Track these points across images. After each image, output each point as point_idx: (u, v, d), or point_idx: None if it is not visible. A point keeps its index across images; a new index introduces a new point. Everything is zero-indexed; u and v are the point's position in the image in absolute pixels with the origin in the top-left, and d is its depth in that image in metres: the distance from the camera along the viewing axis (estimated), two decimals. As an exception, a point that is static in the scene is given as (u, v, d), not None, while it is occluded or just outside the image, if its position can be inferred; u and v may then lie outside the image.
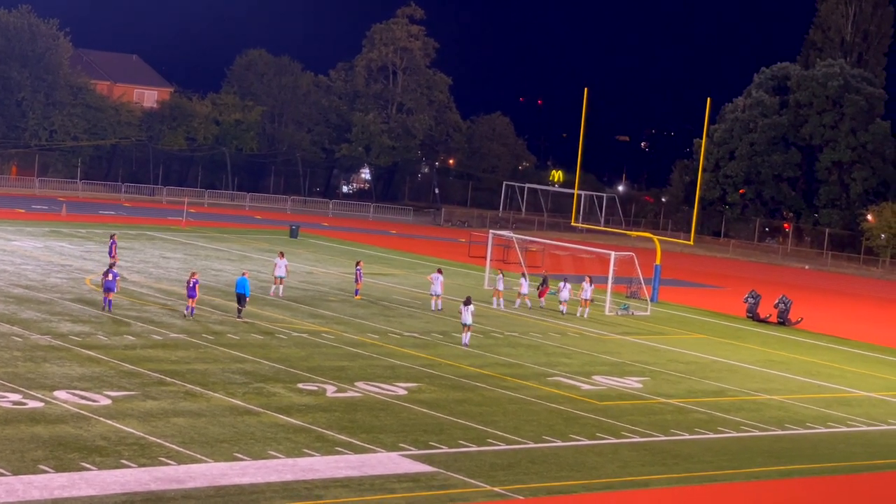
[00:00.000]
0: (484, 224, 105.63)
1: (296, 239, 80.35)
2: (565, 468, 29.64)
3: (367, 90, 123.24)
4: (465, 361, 42.24)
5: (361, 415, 32.85)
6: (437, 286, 53.47)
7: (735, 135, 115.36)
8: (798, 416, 38.70)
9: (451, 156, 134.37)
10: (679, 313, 61.80)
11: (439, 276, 53.91)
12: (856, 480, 31.80)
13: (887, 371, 50.01)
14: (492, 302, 56.67)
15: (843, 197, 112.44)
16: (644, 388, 40.94)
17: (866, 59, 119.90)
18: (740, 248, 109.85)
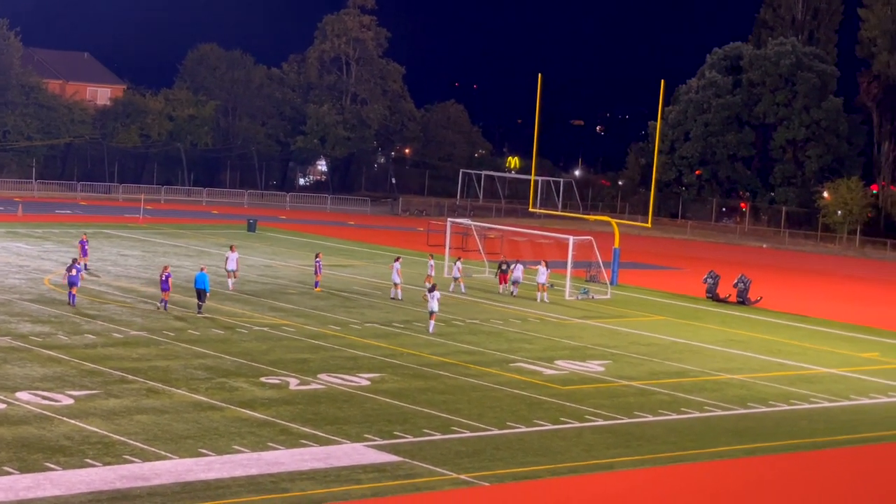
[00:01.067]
0: (442, 212, 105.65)
1: (253, 233, 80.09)
2: (530, 453, 29.70)
3: (321, 82, 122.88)
4: (428, 350, 42.25)
5: (325, 407, 32.80)
6: (395, 275, 53.68)
7: (689, 116, 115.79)
8: (760, 395, 38.93)
9: (406, 145, 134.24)
10: (639, 296, 62.03)
11: (398, 265, 54.10)
12: (819, 457, 32.03)
13: (847, 347, 50.39)
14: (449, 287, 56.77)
15: (799, 175, 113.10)
16: (606, 371, 41.07)
17: (817, 37, 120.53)
18: (698, 229, 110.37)
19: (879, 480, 30.13)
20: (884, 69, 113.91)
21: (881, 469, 31.29)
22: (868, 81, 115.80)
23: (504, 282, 59.18)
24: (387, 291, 54.68)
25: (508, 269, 59.49)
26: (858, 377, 43.51)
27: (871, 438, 34.27)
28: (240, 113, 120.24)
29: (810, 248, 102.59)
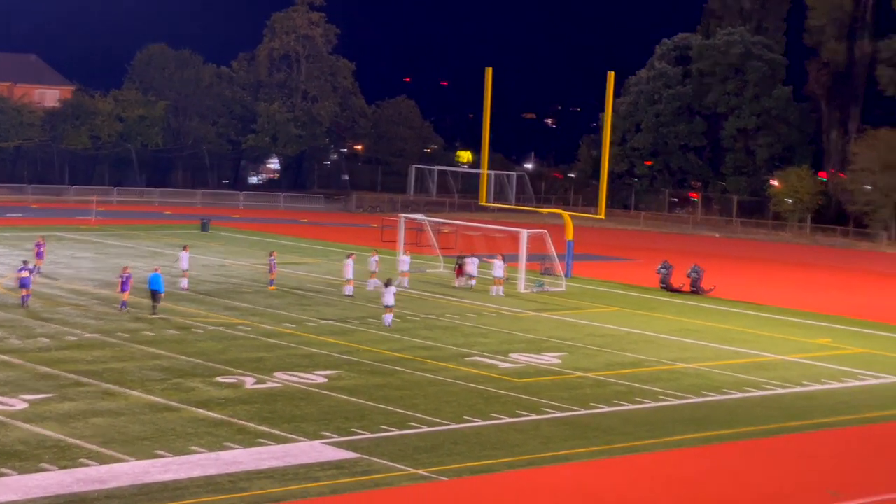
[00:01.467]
0: (395, 208, 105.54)
1: (207, 232, 79.76)
2: (487, 447, 29.76)
3: (271, 79, 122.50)
4: (384, 346, 42.24)
5: (282, 405, 32.74)
6: (349, 271, 53.70)
7: (640, 107, 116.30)
8: (715, 383, 39.18)
9: (358, 141, 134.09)
10: (593, 287, 62.27)
11: (351, 262, 54.11)
12: (773, 443, 32.27)
13: (800, 334, 50.80)
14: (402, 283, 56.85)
15: (749, 163, 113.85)
16: (562, 363, 41.21)
17: (765, 26, 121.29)
18: (650, 220, 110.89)
19: (833, 465, 30.41)
20: (832, 57, 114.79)
21: (835, 453, 31.58)
22: (817, 70, 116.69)
23: (460, 275, 59.35)
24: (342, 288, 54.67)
25: (464, 262, 59.69)
26: (811, 363, 43.88)
27: (824, 424, 34.57)
28: (190, 113, 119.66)
29: (762, 237, 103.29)
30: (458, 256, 61.05)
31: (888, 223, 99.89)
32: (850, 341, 49.37)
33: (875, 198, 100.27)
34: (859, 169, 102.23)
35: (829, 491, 27.75)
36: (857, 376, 41.86)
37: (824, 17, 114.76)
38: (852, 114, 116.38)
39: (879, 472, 29.81)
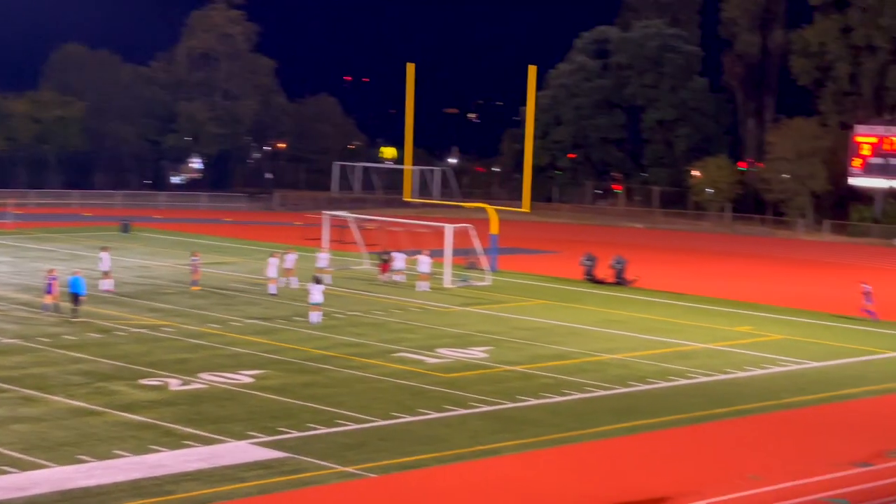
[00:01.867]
0: (318, 206, 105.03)
1: (128, 234, 78.99)
2: (415, 443, 29.78)
3: (190, 78, 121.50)
4: (310, 344, 42.12)
5: (207, 406, 32.52)
6: (272, 270, 53.50)
7: (560, 100, 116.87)
8: (640, 373, 39.49)
9: (280, 140, 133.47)
10: (518, 280, 62.49)
11: (275, 260, 53.92)
12: (698, 430, 32.61)
13: (722, 322, 51.33)
14: None
15: (669, 155, 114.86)
16: (489, 357, 41.31)
17: (681, 19, 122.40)
18: (574, 212, 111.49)
19: (755, 450, 30.77)
20: (746, 48, 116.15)
21: (757, 439, 31.96)
22: (731, 61, 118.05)
23: (385, 271, 59.36)
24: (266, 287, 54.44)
25: (389, 258, 59.73)
26: (733, 351, 44.37)
27: (746, 410, 34.99)
28: (109, 113, 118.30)
29: (683, 227, 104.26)
30: (383, 252, 60.97)
31: (805, 211, 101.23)
32: (771, 328, 50.00)
33: (791, 186, 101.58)
34: (775, 158, 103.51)
35: (750, 475, 28.08)
36: (778, 362, 42.40)
37: (737, 10, 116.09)
38: (767, 103, 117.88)
39: (800, 456, 30.22)
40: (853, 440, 31.91)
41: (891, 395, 38.22)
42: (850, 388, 38.77)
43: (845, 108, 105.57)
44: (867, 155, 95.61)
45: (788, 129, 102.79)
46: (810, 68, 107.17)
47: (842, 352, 45.13)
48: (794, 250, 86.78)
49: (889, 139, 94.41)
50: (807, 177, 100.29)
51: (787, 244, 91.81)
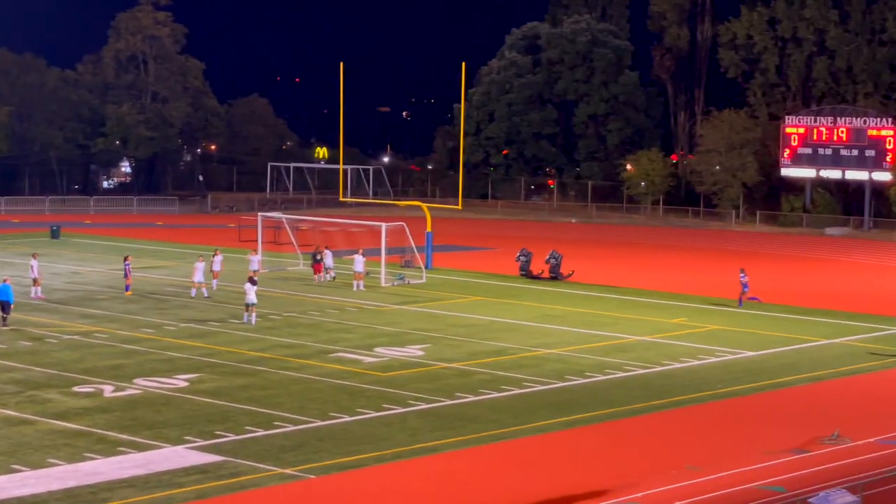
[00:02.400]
0: (252, 207, 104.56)
1: (58, 239, 78.02)
2: (354, 442, 29.68)
3: (118, 82, 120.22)
4: (246, 346, 41.85)
5: (142, 411, 32.22)
6: (199, 273, 53.10)
7: (493, 97, 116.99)
8: (577, 367, 39.62)
9: (212, 142, 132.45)
10: (454, 278, 62.50)
11: (201, 264, 53.50)
12: (636, 422, 32.76)
13: (657, 314, 51.61)
14: None
15: (602, 149, 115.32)
16: (426, 354, 41.27)
17: (610, 14, 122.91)
18: (508, 208, 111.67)
19: (693, 440, 30.97)
20: (674, 42, 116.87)
21: (694, 429, 32.17)
22: (661, 55, 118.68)
23: (319, 272, 59.18)
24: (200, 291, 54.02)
25: (322, 258, 59.56)
26: (669, 343, 44.64)
27: (684, 401, 35.21)
28: (35, 118, 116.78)
29: (617, 220, 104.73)
30: (315, 252, 60.70)
31: (736, 202, 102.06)
32: (706, 319, 50.35)
33: (722, 178, 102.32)
34: (706, 150, 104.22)
35: (688, 466, 28.23)
36: (713, 353, 42.71)
37: (666, 4, 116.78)
38: (697, 96, 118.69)
39: (736, 445, 30.45)
40: (788, 428, 32.20)
41: (824, 382, 38.64)
42: (784, 376, 39.14)
43: (774, 100, 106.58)
44: (796, 145, 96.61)
45: (719, 122, 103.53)
46: (738, 61, 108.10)
47: (775, 341, 45.55)
48: (727, 241, 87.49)
49: (817, 129, 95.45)
50: (738, 168, 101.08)
51: (719, 235, 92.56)
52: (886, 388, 38.12)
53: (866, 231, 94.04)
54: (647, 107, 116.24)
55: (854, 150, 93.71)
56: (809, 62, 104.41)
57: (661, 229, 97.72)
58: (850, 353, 43.57)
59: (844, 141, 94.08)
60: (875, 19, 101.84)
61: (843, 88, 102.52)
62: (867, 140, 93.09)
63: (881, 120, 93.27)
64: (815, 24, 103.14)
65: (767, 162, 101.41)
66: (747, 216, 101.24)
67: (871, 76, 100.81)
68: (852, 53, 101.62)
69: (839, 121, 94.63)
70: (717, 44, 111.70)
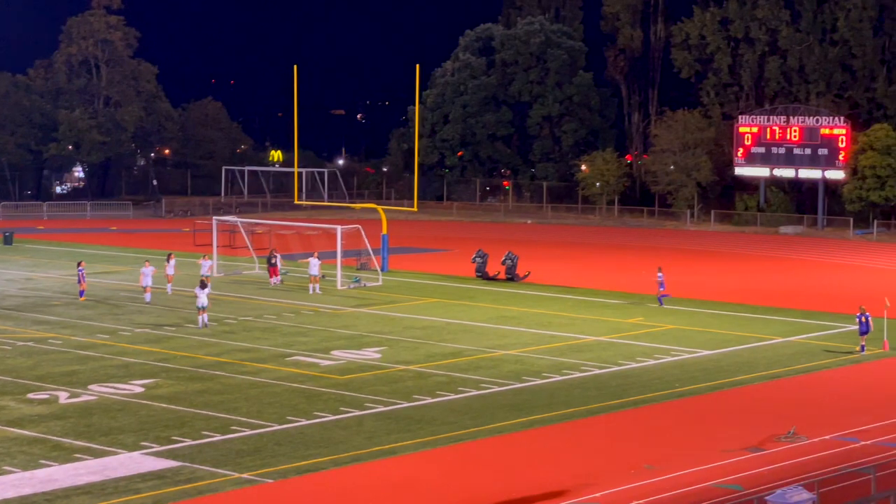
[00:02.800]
0: (207, 211, 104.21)
1: (10, 246, 77.40)
2: (312, 446, 29.60)
3: (71, 86, 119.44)
4: (202, 351, 41.65)
5: (98, 418, 32.00)
6: (148, 278, 52.82)
7: (447, 99, 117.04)
8: (534, 368, 39.67)
9: (165, 146, 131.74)
10: (410, 280, 62.46)
11: (150, 269, 53.24)
12: (593, 422, 32.85)
13: (613, 314, 51.77)
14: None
15: (556, 150, 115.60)
16: (383, 357, 41.22)
17: (564, 15, 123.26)
18: (463, 210, 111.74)
19: (650, 439, 31.07)
20: (628, 43, 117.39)
21: (652, 429, 32.28)
22: (614, 55, 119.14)
23: (275, 275, 59.02)
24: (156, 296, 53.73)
25: (277, 261, 59.44)
26: (625, 343, 44.79)
27: (640, 401, 35.33)
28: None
29: (572, 221, 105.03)
30: (270, 255, 60.50)
31: (691, 202, 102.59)
32: (662, 318, 50.55)
33: (677, 177, 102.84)
34: (660, 150, 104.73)
35: (646, 465, 28.34)
36: (669, 352, 42.89)
37: (618, 5, 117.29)
38: (651, 97, 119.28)
39: (694, 443, 30.58)
40: (745, 426, 32.38)
41: (780, 380, 38.88)
42: (740, 374, 39.35)
43: (727, 100, 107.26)
44: (749, 145, 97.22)
45: (672, 122, 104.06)
46: (691, 61, 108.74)
47: (731, 339, 45.80)
48: (682, 241, 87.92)
49: (770, 128, 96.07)
50: (692, 168, 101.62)
51: (674, 235, 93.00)
52: (842, 386, 38.41)
53: (820, 229, 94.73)
54: (601, 107, 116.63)
55: (807, 149, 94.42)
56: (762, 62, 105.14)
57: (617, 229, 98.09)
58: (806, 351, 43.88)
59: (797, 140, 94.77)
60: (826, 19, 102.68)
61: (795, 88, 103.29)
62: (820, 139, 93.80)
63: (833, 119, 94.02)
64: (767, 25, 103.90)
65: (721, 161, 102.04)
66: (702, 215, 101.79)
67: (823, 76, 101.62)
68: (804, 53, 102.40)
69: (792, 120, 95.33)
70: (670, 44, 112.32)
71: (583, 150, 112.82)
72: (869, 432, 31.58)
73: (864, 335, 43.13)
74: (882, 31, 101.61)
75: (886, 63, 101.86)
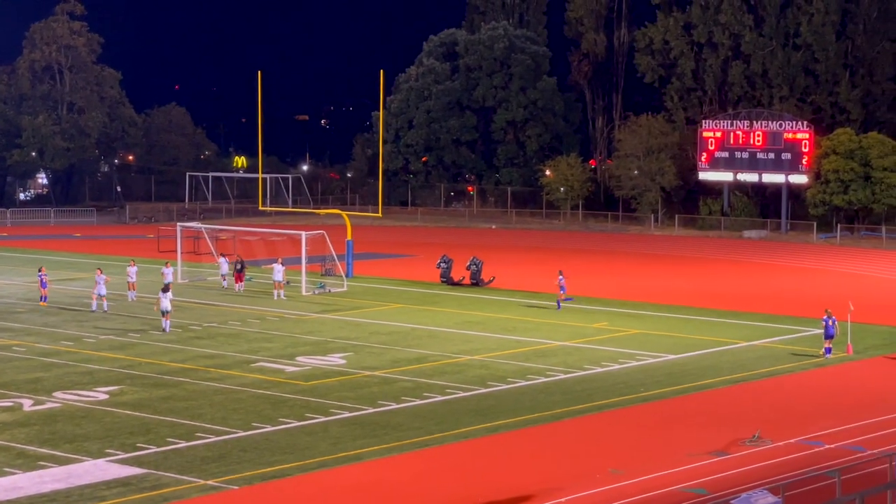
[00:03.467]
0: (171, 217, 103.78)
1: (-26, 252, 76.90)
2: (277, 452, 29.55)
3: (34, 92, 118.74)
4: (166, 358, 41.50)
5: (62, 425, 31.83)
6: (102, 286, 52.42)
7: (411, 104, 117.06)
8: (499, 373, 39.72)
9: (129, 152, 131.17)
10: (375, 285, 62.42)
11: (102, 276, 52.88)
12: (559, 427, 32.92)
13: (578, 319, 51.89)
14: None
15: (521, 155, 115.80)
16: (348, 363, 41.18)
17: (527, 20, 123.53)
18: (428, 215, 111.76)
19: (615, 444, 31.17)
20: (591, 48, 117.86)
21: (618, 433, 32.39)
22: (578, 60, 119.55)
23: (240, 281, 58.87)
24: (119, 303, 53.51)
25: (244, 268, 59.30)
26: (590, 347, 44.90)
27: (606, 405, 35.44)
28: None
29: (537, 226, 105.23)
30: (236, 262, 60.34)
31: (655, 206, 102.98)
32: (627, 323, 50.72)
33: (641, 182, 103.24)
34: (624, 155, 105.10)
35: (612, 470, 28.42)
36: (634, 357, 43.03)
37: (582, 10, 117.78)
38: (615, 101, 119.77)
39: (659, 448, 30.70)
40: (710, 430, 32.53)
41: (744, 384, 39.07)
42: (705, 378, 39.53)
43: (691, 104, 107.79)
44: (713, 149, 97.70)
45: (636, 126, 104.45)
46: (655, 66, 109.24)
47: (696, 344, 45.99)
48: (646, 245, 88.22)
49: (734, 133, 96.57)
50: (656, 172, 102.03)
51: (639, 239, 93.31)
52: (806, 389, 38.63)
53: (784, 233, 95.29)
54: (565, 112, 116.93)
55: (770, 154, 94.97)
56: (725, 66, 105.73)
57: (581, 234, 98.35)
58: (770, 354, 44.12)
59: (761, 144, 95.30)
60: (789, 24, 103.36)
61: (758, 92, 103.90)
62: (783, 143, 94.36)
63: (797, 123, 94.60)
64: (730, 29, 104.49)
65: (685, 166, 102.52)
66: (666, 220, 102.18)
67: (786, 80, 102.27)
68: (767, 58, 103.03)
69: (755, 124, 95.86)
70: (633, 49, 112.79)
71: (547, 155, 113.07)
72: (833, 436, 31.79)
73: (829, 339, 43.29)
74: (844, 36, 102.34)
75: (849, 67, 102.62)
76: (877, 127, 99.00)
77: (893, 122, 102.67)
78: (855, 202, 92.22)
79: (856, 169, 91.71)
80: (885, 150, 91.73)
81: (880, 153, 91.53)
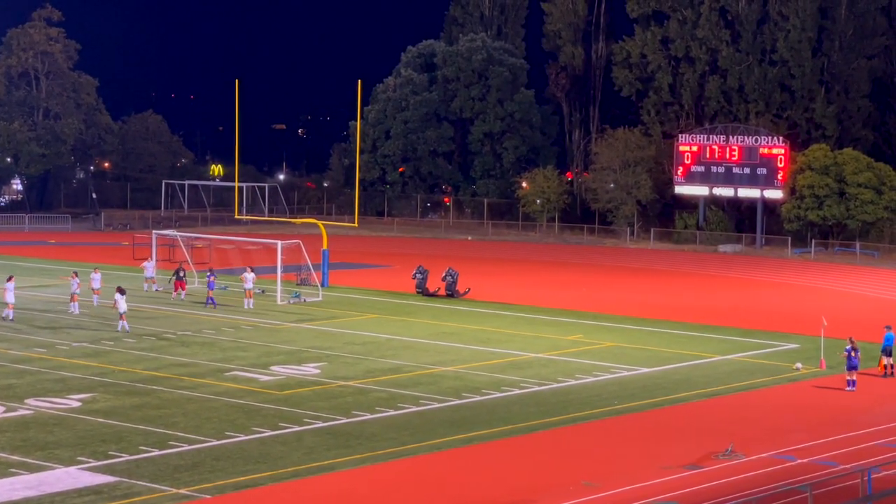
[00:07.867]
0: (147, 225, 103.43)
1: (-53, 258, 76.47)
2: (250, 461, 29.47)
3: (10, 98, 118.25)
4: (140, 366, 41.35)
5: (34, 432, 31.67)
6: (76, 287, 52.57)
7: (389, 114, 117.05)
8: (474, 384, 39.72)
9: (105, 159, 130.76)
10: (351, 295, 62.36)
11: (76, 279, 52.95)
12: (532, 439, 32.93)
13: (553, 331, 51.95)
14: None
15: (498, 167, 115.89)
16: (322, 373, 41.12)
17: (506, 32, 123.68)
18: (404, 226, 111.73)
19: (590, 457, 31.21)
20: (569, 60, 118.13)
21: (591, 446, 32.42)
22: (556, 73, 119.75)
23: (181, 288, 58.75)
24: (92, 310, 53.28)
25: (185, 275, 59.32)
26: (565, 359, 44.95)
27: (580, 418, 35.48)
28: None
29: (513, 238, 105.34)
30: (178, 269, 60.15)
31: (631, 220, 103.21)
32: (602, 336, 50.79)
33: (617, 195, 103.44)
34: (601, 168, 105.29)
35: (584, 482, 28.44)
36: (608, 369, 43.08)
37: (560, 23, 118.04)
38: (592, 114, 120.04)
39: (632, 460, 30.74)
40: (683, 443, 32.59)
41: (717, 397, 39.17)
42: (679, 392, 39.62)
43: (667, 118, 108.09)
44: (689, 163, 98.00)
45: (613, 140, 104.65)
46: (632, 79, 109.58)
47: (670, 357, 46.09)
48: (622, 258, 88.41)
49: (710, 147, 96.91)
50: (632, 186, 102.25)
51: (614, 252, 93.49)
52: (779, 404, 38.74)
53: (759, 248, 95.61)
54: (542, 125, 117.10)
55: (746, 168, 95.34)
56: (702, 81, 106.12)
57: (557, 246, 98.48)
58: (744, 368, 44.24)
59: (737, 159, 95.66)
60: (766, 39, 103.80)
61: (735, 107, 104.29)
62: (759, 158, 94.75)
63: (773, 138, 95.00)
64: (707, 44, 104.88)
65: (661, 180, 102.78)
66: (642, 233, 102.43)
67: (763, 95, 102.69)
68: (744, 73, 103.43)
69: (732, 139, 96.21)
70: (611, 62, 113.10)
71: (524, 167, 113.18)
72: (806, 450, 31.90)
73: (853, 370, 40.10)
74: (820, 52, 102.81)
75: (825, 84, 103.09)
76: (852, 143, 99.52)
77: (868, 139, 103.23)
78: (829, 218, 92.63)
79: (831, 185, 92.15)
80: (860, 167, 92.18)
81: (855, 169, 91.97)
